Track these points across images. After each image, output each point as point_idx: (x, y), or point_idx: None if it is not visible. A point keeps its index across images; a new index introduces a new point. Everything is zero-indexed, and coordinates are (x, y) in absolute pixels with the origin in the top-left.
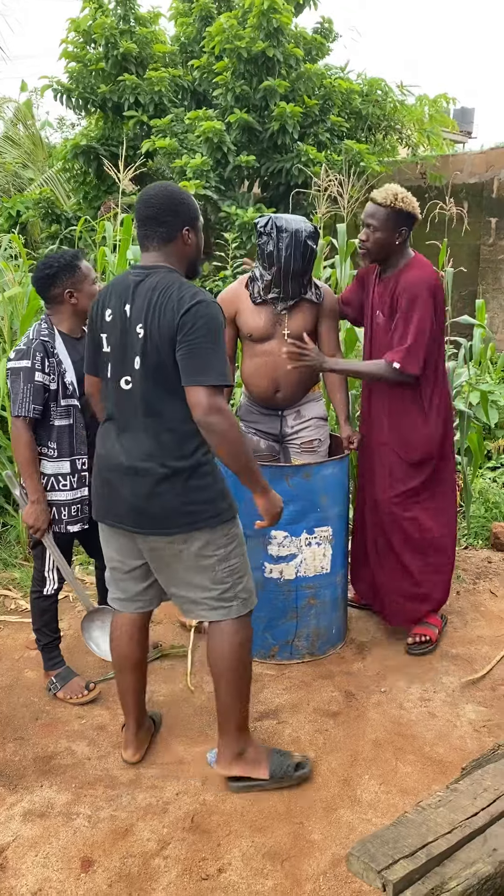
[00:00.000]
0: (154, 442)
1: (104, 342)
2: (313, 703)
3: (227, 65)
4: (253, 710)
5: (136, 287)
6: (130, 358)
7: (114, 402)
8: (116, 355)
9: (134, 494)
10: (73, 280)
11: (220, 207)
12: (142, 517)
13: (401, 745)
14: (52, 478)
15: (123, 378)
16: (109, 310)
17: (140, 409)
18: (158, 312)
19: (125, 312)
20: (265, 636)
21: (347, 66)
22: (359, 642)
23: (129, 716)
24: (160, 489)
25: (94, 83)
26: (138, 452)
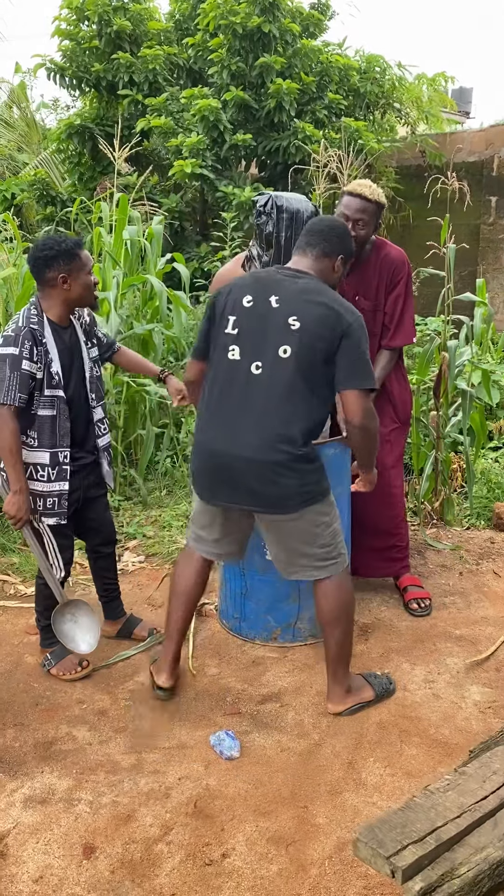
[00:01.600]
0: (282, 428)
1: (230, 324)
2: (316, 686)
3: (221, 41)
4: (255, 694)
5: (286, 283)
6: (273, 345)
7: (236, 384)
8: (250, 340)
9: (257, 478)
10: (70, 266)
11: (217, 187)
12: (263, 499)
13: (405, 728)
14: (31, 467)
15: (255, 363)
16: (250, 296)
17: (271, 394)
18: (315, 312)
19: (270, 302)
20: (267, 619)
21: (345, 43)
22: (361, 624)
23: (170, 642)
24: (283, 474)
25: (87, 62)
26: (262, 437)
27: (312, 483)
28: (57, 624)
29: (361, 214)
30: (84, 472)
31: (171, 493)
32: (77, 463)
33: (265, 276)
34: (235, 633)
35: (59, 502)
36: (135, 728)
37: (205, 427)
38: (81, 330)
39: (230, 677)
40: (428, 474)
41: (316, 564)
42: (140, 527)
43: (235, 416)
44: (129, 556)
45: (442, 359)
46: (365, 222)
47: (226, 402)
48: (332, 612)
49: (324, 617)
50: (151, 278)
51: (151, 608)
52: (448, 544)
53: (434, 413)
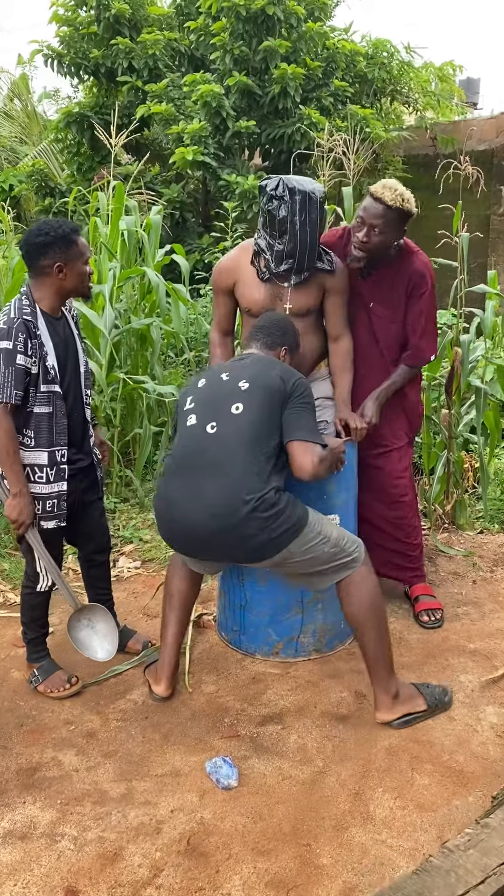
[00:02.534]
0: (242, 476)
1: (187, 402)
2: (321, 706)
3: (224, 25)
4: (255, 714)
5: (236, 363)
6: (226, 406)
7: (194, 444)
8: (204, 407)
9: (229, 544)
10: (66, 254)
11: (220, 175)
12: (240, 556)
13: (417, 753)
14: (28, 468)
15: (209, 424)
16: (203, 379)
17: (228, 446)
18: (263, 372)
19: (221, 377)
20: (268, 632)
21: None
22: None
23: (167, 650)
24: (251, 528)
25: (86, 48)
26: (225, 496)
27: (284, 524)
28: (72, 631)
29: (377, 220)
30: (80, 475)
31: None
32: (74, 466)
33: (216, 367)
34: (235, 647)
35: (59, 504)
36: (125, 753)
37: (164, 491)
38: (73, 321)
39: (228, 695)
40: (439, 476)
41: (330, 572)
42: (136, 530)
43: (193, 478)
44: (125, 561)
45: (454, 354)
46: (380, 229)
47: (184, 464)
48: (359, 612)
49: (352, 619)
50: (149, 271)
51: (147, 618)
52: (461, 550)
53: (446, 411)
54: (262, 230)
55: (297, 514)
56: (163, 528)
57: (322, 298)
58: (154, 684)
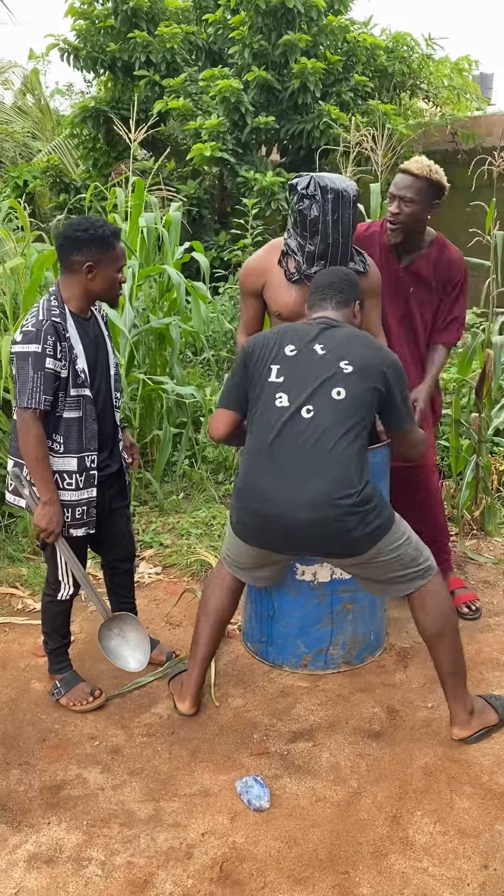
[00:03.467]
0: (341, 472)
1: (273, 372)
2: (353, 722)
3: (243, 18)
4: (285, 730)
5: (328, 332)
6: (326, 389)
7: (287, 430)
8: (299, 386)
9: (321, 536)
10: (100, 256)
11: (238, 172)
12: (329, 550)
13: (455, 774)
14: (57, 475)
15: (305, 407)
16: (292, 345)
17: (326, 436)
18: (367, 355)
19: (315, 350)
20: (296, 643)
21: (371, 21)
22: (399, 648)
23: (195, 666)
24: (347, 522)
25: (102, 42)
26: (322, 491)
27: (376, 519)
28: (103, 640)
29: (406, 191)
30: (109, 481)
31: (189, 497)
32: (104, 472)
33: (299, 327)
34: (261, 658)
35: (89, 511)
36: (152, 770)
37: (255, 476)
38: (103, 321)
39: (257, 710)
40: (468, 481)
41: (411, 577)
42: (157, 535)
43: (291, 466)
44: (146, 566)
45: (486, 356)
46: (410, 199)
47: (278, 450)
48: (434, 624)
49: (426, 631)
50: (169, 268)
51: (169, 626)
52: (490, 557)
53: (475, 415)
54: (292, 230)
55: (387, 510)
56: (249, 521)
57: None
58: (179, 701)
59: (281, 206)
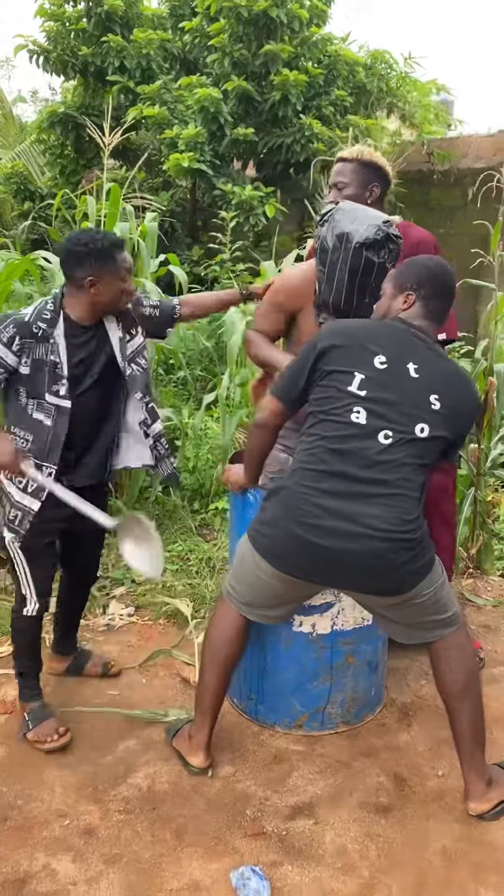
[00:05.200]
0: (407, 513)
1: (355, 382)
2: (357, 794)
3: (223, 26)
4: (281, 804)
5: (425, 352)
6: (410, 420)
7: (360, 451)
8: (383, 406)
9: (374, 570)
10: (101, 270)
11: (215, 184)
12: (377, 587)
13: (477, 859)
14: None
15: (384, 432)
16: (383, 357)
17: (400, 473)
18: (459, 398)
19: (409, 370)
20: (291, 702)
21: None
22: (400, 704)
23: (206, 717)
24: (403, 560)
25: (74, 45)
26: (387, 531)
27: (424, 556)
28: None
29: (339, 177)
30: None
31: (163, 526)
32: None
33: (397, 334)
34: (251, 717)
35: (22, 520)
36: (132, 858)
37: (310, 495)
38: (115, 324)
39: (248, 779)
40: (466, 516)
41: (445, 623)
42: (128, 570)
43: (353, 491)
44: (116, 606)
45: (489, 384)
46: (344, 184)
47: (342, 470)
48: (459, 680)
49: (449, 688)
50: (148, 283)
51: (145, 676)
52: (490, 599)
53: (474, 446)
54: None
55: (432, 547)
56: (292, 545)
57: None
58: (190, 755)
59: (259, 220)
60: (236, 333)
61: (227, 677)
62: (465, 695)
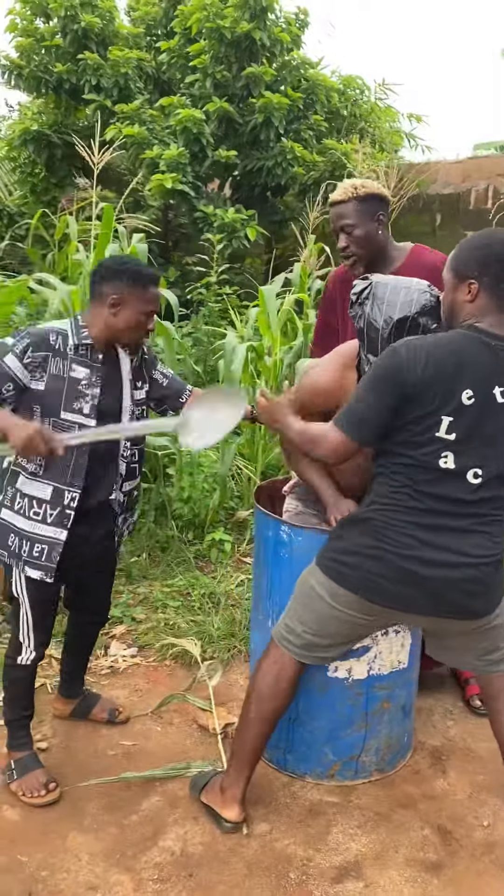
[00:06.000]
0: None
1: (443, 426)
2: (403, 850)
3: (204, 47)
4: (325, 864)
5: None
6: (499, 454)
7: (450, 496)
8: (471, 447)
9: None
10: (129, 293)
11: (196, 206)
12: (468, 610)
13: None
14: (27, 499)
15: (473, 471)
16: (470, 390)
17: (490, 509)
18: None
19: (496, 396)
20: (324, 751)
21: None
22: (430, 748)
23: (243, 770)
24: (491, 582)
25: (48, 61)
26: (480, 558)
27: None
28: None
29: (343, 220)
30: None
31: (156, 560)
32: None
33: (476, 352)
34: (279, 768)
35: (50, 553)
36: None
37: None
38: (129, 366)
39: (287, 838)
40: None
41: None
42: (128, 608)
43: (456, 528)
44: (118, 647)
45: None
46: (351, 225)
47: (439, 508)
48: None
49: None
50: None
51: (159, 724)
52: None
53: None
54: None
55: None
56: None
57: None
58: (224, 809)
59: (242, 243)
60: (237, 359)
61: (271, 730)
62: None
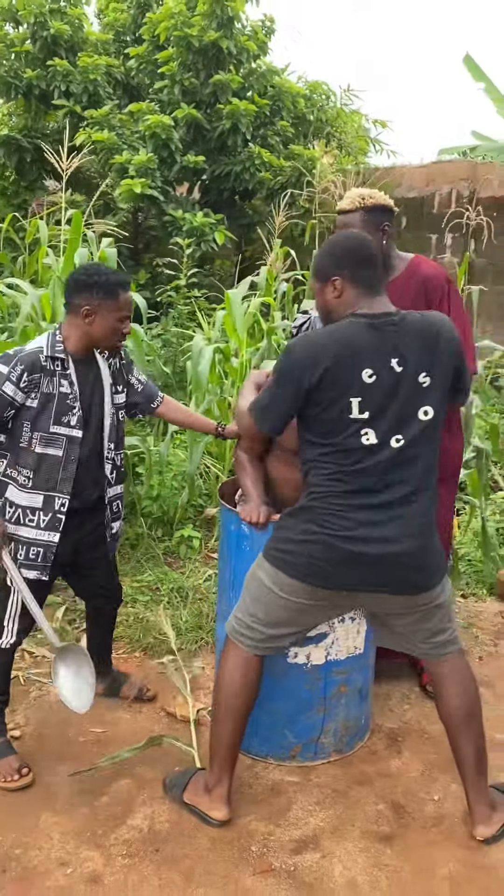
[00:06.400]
0: (433, 498)
1: (354, 408)
2: (358, 824)
3: (172, 55)
4: (286, 838)
5: (393, 337)
6: (412, 413)
7: (378, 468)
8: (386, 418)
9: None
10: (100, 302)
11: (165, 210)
12: (414, 584)
13: (485, 884)
14: (20, 510)
15: (394, 438)
16: (369, 370)
17: (419, 466)
18: (439, 359)
19: (393, 368)
20: (284, 734)
21: (288, 69)
22: (387, 730)
23: (224, 769)
24: (432, 550)
25: (17, 67)
26: (419, 524)
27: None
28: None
29: (349, 229)
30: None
31: (126, 557)
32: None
33: (367, 335)
34: (243, 751)
35: (45, 554)
36: None
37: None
38: (108, 370)
39: (249, 815)
40: None
41: (448, 639)
42: None
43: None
44: None
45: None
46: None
47: (369, 485)
48: (464, 705)
49: (455, 712)
50: None
51: (129, 712)
52: (460, 622)
53: None
54: None
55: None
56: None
57: None
58: (212, 809)
59: (211, 246)
60: (204, 361)
61: (244, 726)
62: (471, 720)
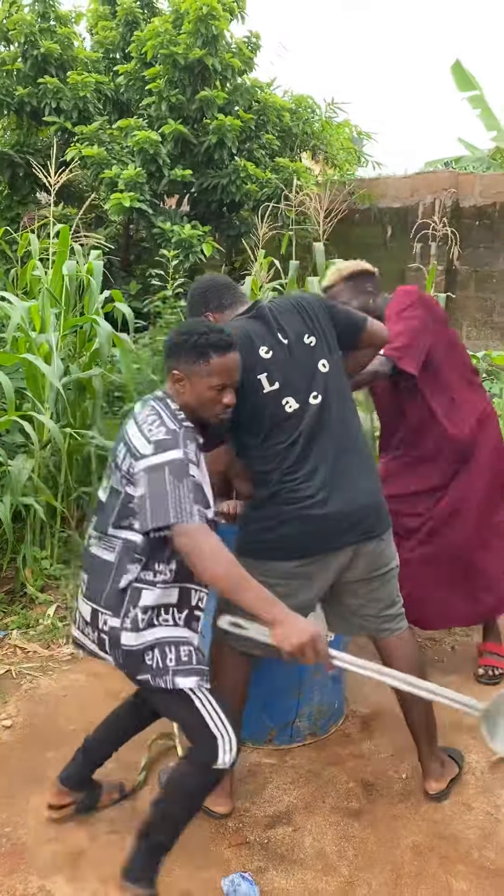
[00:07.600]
0: (361, 440)
1: (265, 382)
2: (329, 801)
3: (159, 72)
4: (260, 815)
5: (268, 317)
6: (312, 370)
7: (306, 428)
8: (294, 382)
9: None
10: (189, 368)
11: (154, 223)
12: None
13: (445, 852)
14: (153, 611)
15: (311, 395)
16: (264, 346)
17: (338, 415)
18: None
19: (279, 339)
20: (261, 718)
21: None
22: (361, 714)
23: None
24: (377, 486)
25: (9, 84)
26: (359, 464)
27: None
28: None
29: (339, 299)
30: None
31: None
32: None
33: (252, 325)
34: None
35: (195, 655)
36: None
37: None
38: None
39: None
40: None
41: (396, 614)
42: None
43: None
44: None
45: None
46: (347, 301)
47: (308, 450)
48: (413, 673)
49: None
50: (100, 319)
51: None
52: None
53: None
54: None
55: None
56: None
57: None
58: (216, 805)
59: (199, 258)
60: None
61: (240, 717)
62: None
